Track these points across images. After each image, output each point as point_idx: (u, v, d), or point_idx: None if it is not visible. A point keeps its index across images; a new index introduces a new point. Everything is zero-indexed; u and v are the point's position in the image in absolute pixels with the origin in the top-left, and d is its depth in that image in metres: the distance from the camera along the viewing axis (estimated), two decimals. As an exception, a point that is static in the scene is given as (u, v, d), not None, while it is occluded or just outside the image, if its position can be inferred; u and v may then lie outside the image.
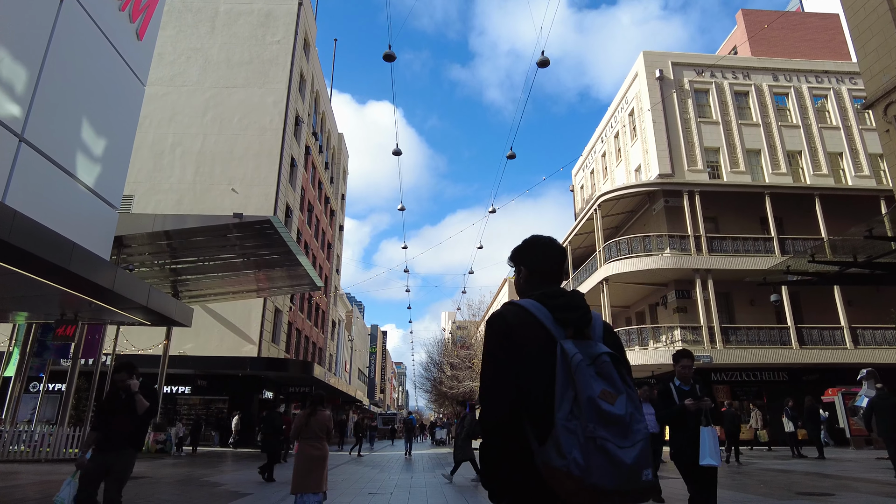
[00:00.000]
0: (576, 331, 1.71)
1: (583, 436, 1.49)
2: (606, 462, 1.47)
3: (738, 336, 22.33)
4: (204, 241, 18.09)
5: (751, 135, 27.56)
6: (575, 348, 1.61)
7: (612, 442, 1.48)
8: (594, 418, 1.50)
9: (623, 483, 1.47)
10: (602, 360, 1.59)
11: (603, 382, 1.56)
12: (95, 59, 12.17)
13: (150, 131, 32.00)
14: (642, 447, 1.52)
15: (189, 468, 14.15)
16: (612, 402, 1.53)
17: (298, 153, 34.82)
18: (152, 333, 25.61)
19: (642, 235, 23.78)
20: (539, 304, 1.76)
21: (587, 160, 37.55)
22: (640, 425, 1.55)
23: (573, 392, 1.56)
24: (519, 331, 1.71)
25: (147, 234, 16.74)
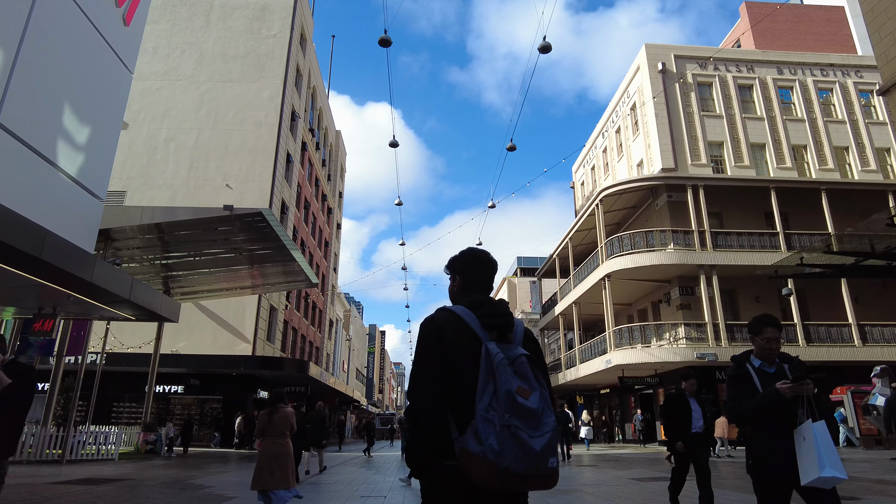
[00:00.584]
0: (499, 334, 1.91)
1: (499, 424, 1.69)
2: (518, 448, 1.66)
3: (743, 333, 21.77)
4: (194, 235, 17.55)
5: (755, 129, 27.05)
6: (497, 349, 1.81)
7: (525, 431, 1.68)
8: (510, 409, 1.69)
9: (531, 468, 1.66)
10: (520, 361, 1.80)
11: (519, 380, 1.76)
12: (78, 43, 11.60)
13: (143, 126, 31.46)
14: (550, 437, 1.71)
15: (177, 470, 13.59)
16: (527, 397, 1.74)
17: (294, 149, 34.27)
18: (144, 331, 25.07)
19: (645, 231, 23.25)
20: (468, 310, 1.96)
21: (588, 156, 37.03)
22: (549, 419, 1.75)
23: (493, 387, 1.75)
24: (449, 333, 1.91)
25: (135, 227, 16.20)
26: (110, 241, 16.69)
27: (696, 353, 20.91)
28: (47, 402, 15.20)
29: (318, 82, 42.95)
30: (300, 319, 37.10)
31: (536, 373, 1.83)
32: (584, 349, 27.01)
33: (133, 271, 20.02)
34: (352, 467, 15.69)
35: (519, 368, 1.79)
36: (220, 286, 23.26)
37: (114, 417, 26.73)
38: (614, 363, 22.48)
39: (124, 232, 16.66)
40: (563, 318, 31.24)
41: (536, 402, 1.74)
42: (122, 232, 16.61)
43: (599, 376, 26.21)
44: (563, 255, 32.08)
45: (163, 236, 17.43)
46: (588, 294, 26.79)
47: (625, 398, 29.29)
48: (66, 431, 14.74)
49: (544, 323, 36.24)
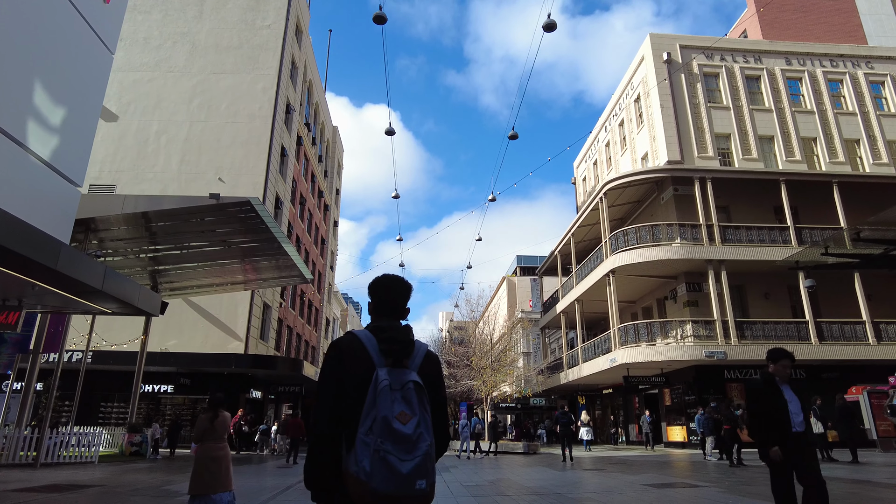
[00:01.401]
0: (394, 361, 2.00)
1: (373, 448, 1.81)
2: (387, 471, 1.78)
3: (753, 331, 21.01)
4: (181, 227, 16.70)
5: (763, 120, 26.27)
6: (386, 376, 1.92)
7: (395, 455, 1.80)
8: (384, 434, 1.81)
9: (398, 489, 1.78)
10: (407, 387, 1.92)
11: (404, 405, 1.88)
12: (52, 19, 10.74)
13: (133, 118, 30.63)
14: (420, 461, 1.83)
15: (158, 474, 12.74)
16: (405, 423, 1.85)
17: (289, 143, 33.43)
18: (131, 328, 24.24)
19: (651, 224, 22.44)
20: (371, 334, 2.09)
21: (590, 151, 36.24)
22: (424, 443, 1.86)
23: (376, 412, 1.86)
24: (349, 357, 2.04)
25: (118, 216, 15.36)
26: (91, 231, 15.83)
27: (705, 352, 20.10)
28: (21, 401, 14.34)
29: (315, 76, 42.11)
30: (295, 318, 36.24)
31: (422, 399, 1.93)
32: (587, 348, 26.20)
33: (118, 265, 19.18)
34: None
35: (406, 394, 1.90)
36: (210, 281, 22.41)
37: (101, 418, 25.88)
38: (619, 362, 21.67)
39: (107, 222, 15.81)
40: (565, 317, 30.43)
41: (412, 429, 1.85)
42: (104, 222, 15.75)
43: (603, 376, 25.40)
44: (565, 251, 31.26)
45: (148, 227, 16.58)
46: (591, 291, 25.99)
47: (629, 398, 28.48)
48: (41, 433, 13.88)
49: (545, 321, 35.42)
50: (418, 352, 2.13)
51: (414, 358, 2.09)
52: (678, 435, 23.00)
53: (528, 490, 9.49)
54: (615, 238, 23.14)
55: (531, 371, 32.71)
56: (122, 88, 31.15)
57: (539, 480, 11.15)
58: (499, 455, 21.59)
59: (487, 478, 12.05)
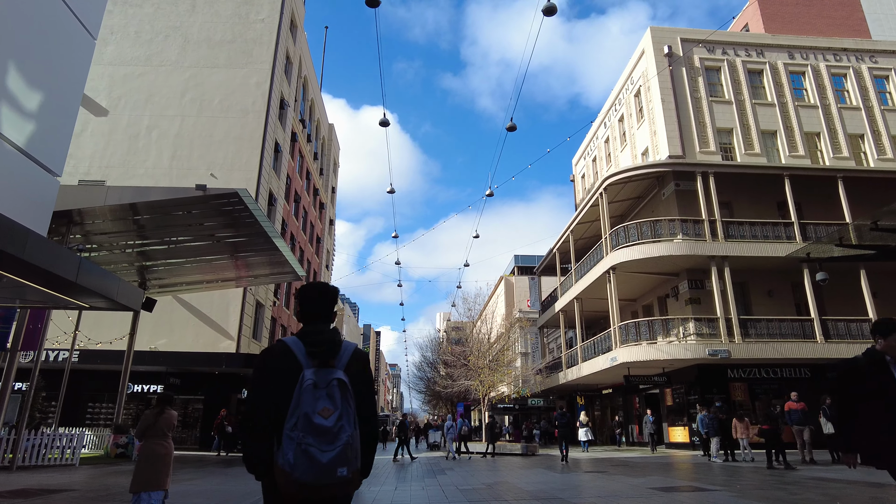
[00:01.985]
0: (321, 362, 2.21)
1: (296, 442, 2.03)
2: (307, 462, 2.00)
3: (757, 329, 20.48)
4: (168, 220, 16.11)
5: (766, 115, 25.78)
6: (312, 376, 2.14)
7: (316, 447, 2.02)
8: (305, 429, 2.04)
9: (319, 478, 2.01)
10: (332, 385, 2.14)
11: (327, 401, 2.10)
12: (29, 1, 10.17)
13: (124, 113, 30.04)
14: (340, 451, 2.05)
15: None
16: (327, 417, 2.07)
17: (284, 139, 32.86)
18: (121, 327, 23.59)
19: (653, 220, 21.92)
20: (298, 340, 2.31)
21: (589, 147, 35.73)
22: (345, 434, 2.08)
23: (299, 410, 2.07)
24: (277, 361, 2.24)
25: (102, 209, 14.77)
26: (73, 224, 15.23)
27: (708, 350, 19.58)
28: (-2, 401, 13.71)
29: (310, 72, 41.54)
30: (289, 317, 35.64)
31: (345, 395, 2.16)
32: (587, 347, 25.66)
33: (104, 260, 18.58)
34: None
35: (330, 391, 2.13)
36: (199, 278, 21.81)
37: (89, 419, 25.28)
38: (620, 361, 21.13)
39: (90, 215, 15.22)
40: (564, 315, 29.89)
41: (333, 422, 2.08)
42: (87, 215, 15.16)
43: (603, 375, 24.86)
44: (564, 249, 30.74)
45: (134, 221, 15.99)
46: (591, 289, 25.45)
47: (629, 398, 27.94)
48: (18, 434, 13.27)
49: (543, 321, 34.88)
50: (345, 351, 2.32)
51: (341, 357, 2.29)
52: (680, 436, 22.47)
53: (527, 494, 8.94)
54: (615, 234, 22.61)
55: (529, 371, 32.19)
56: (113, 83, 30.56)
57: (539, 483, 10.59)
58: (496, 456, 21.04)
59: (485, 481, 11.50)
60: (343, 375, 2.19)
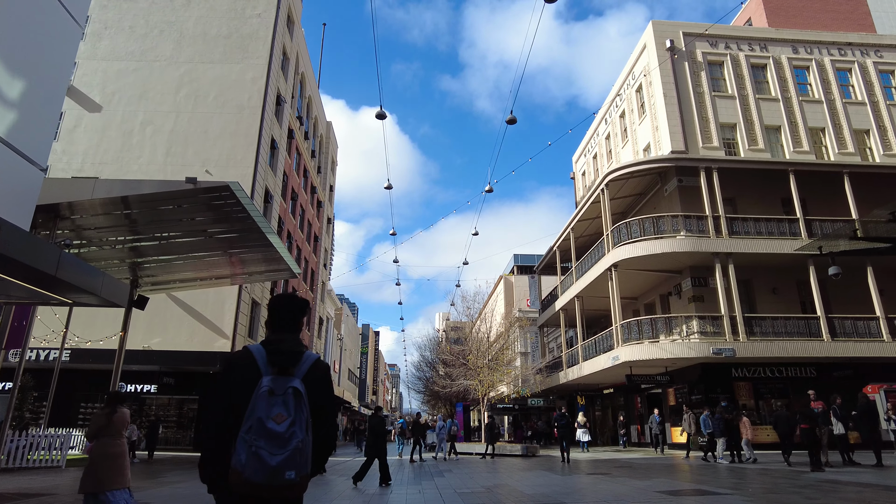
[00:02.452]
0: (280, 369, 2.30)
1: (248, 444, 2.13)
2: (258, 464, 2.11)
3: (762, 327, 20.06)
4: (159, 215, 15.63)
5: (769, 110, 25.37)
6: (269, 383, 2.23)
7: (267, 451, 2.12)
8: (258, 433, 2.14)
9: (267, 479, 2.11)
10: (287, 392, 2.22)
11: (282, 408, 2.18)
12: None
13: (118, 109, 29.57)
14: (290, 455, 2.14)
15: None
16: (280, 423, 2.15)
17: (280, 135, 32.41)
18: (114, 326, 23.13)
19: (655, 216, 21.49)
20: (261, 347, 2.39)
21: (589, 144, 35.30)
22: (295, 440, 2.16)
23: (254, 414, 2.18)
24: (239, 368, 2.34)
25: (90, 203, 14.30)
26: (61, 219, 14.77)
27: (713, 349, 19.16)
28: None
29: (308, 69, 41.10)
30: (287, 316, 35.19)
31: (300, 402, 2.24)
32: (588, 346, 25.23)
33: (94, 256, 18.10)
34: (330, 477, 13.86)
35: (285, 398, 2.21)
36: (193, 276, 21.30)
37: (82, 419, 24.80)
38: (622, 360, 20.70)
39: (78, 209, 14.74)
40: (564, 314, 29.46)
41: (285, 428, 2.16)
42: (75, 209, 14.68)
43: (604, 375, 24.44)
44: (565, 247, 30.32)
45: (123, 215, 15.53)
46: (592, 287, 25.03)
47: (630, 398, 27.52)
48: (1, 435, 12.82)
49: (543, 320, 34.46)
50: (306, 360, 2.40)
51: (300, 367, 2.36)
52: (683, 436, 22.02)
53: (528, 498, 8.51)
54: (617, 231, 22.19)
55: (529, 370, 31.73)
56: (106, 78, 30.11)
57: (540, 486, 10.16)
58: (496, 457, 20.61)
59: (484, 483, 11.07)
60: (300, 384, 2.29)
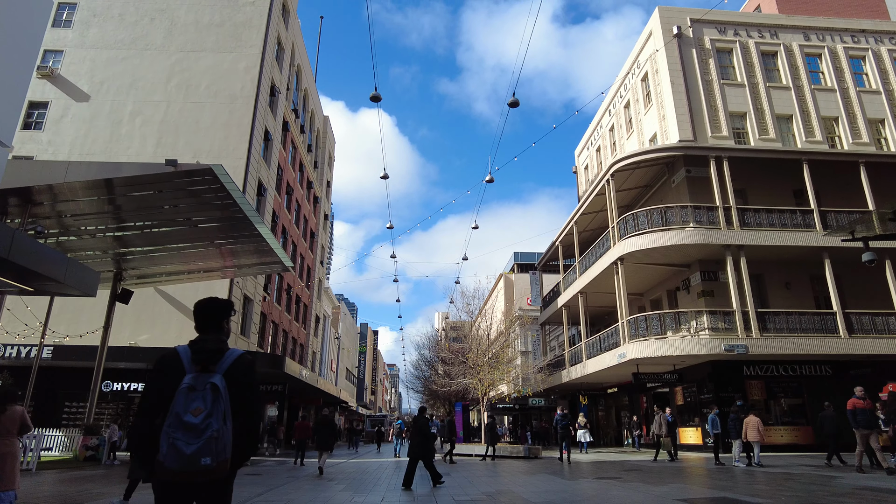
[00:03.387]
0: (202, 367, 2.57)
1: (167, 435, 2.39)
2: (175, 453, 2.37)
3: (776, 323, 19.14)
4: (139, 201, 14.73)
5: (781, 99, 24.45)
6: (190, 380, 2.49)
7: (183, 441, 2.37)
8: (175, 425, 2.40)
9: (183, 466, 2.36)
10: (206, 388, 2.47)
11: (200, 402, 2.44)
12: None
13: (107, 98, 28.66)
14: (204, 444, 2.38)
15: (92, 484, 10.79)
16: (197, 416, 2.41)
17: (274, 127, 31.47)
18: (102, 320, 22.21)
19: (664, 206, 20.55)
20: (187, 348, 2.66)
21: (592, 137, 34.37)
22: (210, 430, 2.41)
23: (174, 409, 2.44)
24: (167, 366, 2.59)
25: (60, 187, 13.39)
26: (34, 204, 13.86)
27: (725, 345, 18.23)
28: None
29: (304, 62, 40.17)
30: (281, 313, 34.26)
31: (217, 396, 2.47)
32: (592, 343, 24.30)
33: (74, 246, 17.19)
34: (321, 483, 12.92)
35: (204, 393, 2.46)
36: (180, 268, 20.45)
37: (66, 419, 23.84)
38: (628, 357, 19.76)
39: (51, 194, 13.83)
40: (567, 311, 28.52)
41: (201, 420, 2.41)
42: (48, 193, 13.78)
43: (609, 373, 23.52)
44: (567, 241, 29.39)
45: (102, 202, 14.66)
46: (596, 282, 24.10)
47: (635, 398, 26.58)
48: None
49: (545, 317, 33.53)
50: (228, 357, 2.66)
51: (222, 363, 2.62)
52: (692, 437, 21.12)
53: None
54: (624, 222, 21.26)
55: (530, 369, 30.77)
56: (95, 67, 29.18)
57: (546, 493, 9.23)
58: (497, 459, 19.67)
59: (484, 489, 10.13)
60: (219, 380, 2.52)
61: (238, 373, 2.61)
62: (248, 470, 15.60)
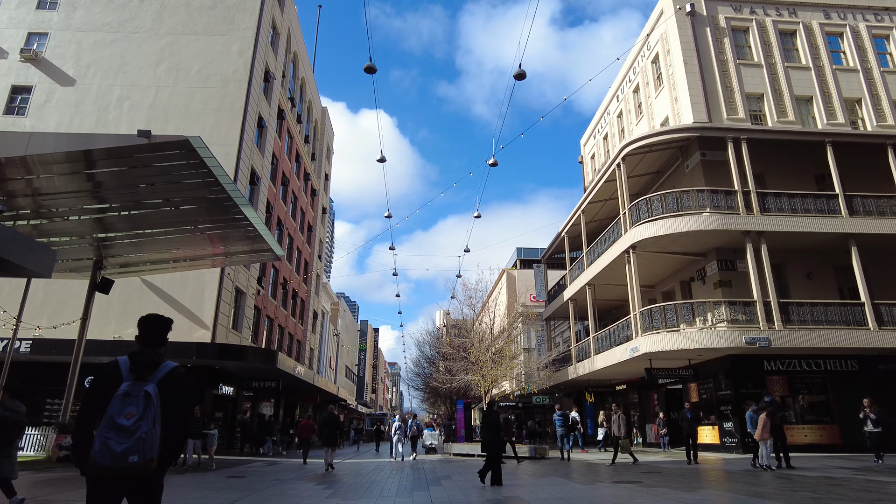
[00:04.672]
0: (139, 376, 2.90)
1: (100, 435, 2.72)
2: (106, 450, 2.68)
3: (800, 314, 17.89)
4: (112, 179, 13.52)
5: (800, 79, 23.18)
6: (126, 388, 2.83)
7: (114, 441, 2.69)
8: (108, 427, 2.73)
9: (112, 463, 2.68)
10: (140, 395, 2.81)
11: (133, 407, 2.76)
12: None
13: (93, 83, 27.48)
14: (133, 443, 2.70)
15: (52, 489, 9.59)
16: (129, 419, 2.73)
17: (269, 114, 30.26)
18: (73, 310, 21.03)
19: (679, 191, 19.29)
20: (127, 359, 2.98)
21: (599, 125, 33.10)
22: (140, 431, 2.73)
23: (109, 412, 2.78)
24: (107, 375, 2.92)
25: (28, 161, 12.19)
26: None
27: (745, 338, 16.99)
28: None
29: (301, 49, 38.93)
30: (277, 308, 33.06)
31: (148, 402, 2.81)
32: (601, 338, 23.06)
33: (48, 230, 15.98)
34: (310, 485, 11.72)
35: (137, 399, 2.78)
36: (165, 256, 19.21)
37: (47, 417, 22.66)
38: (641, 351, 18.54)
39: (21, 169, 12.63)
40: (574, 305, 27.27)
41: (133, 422, 2.73)
42: (15, 169, 12.58)
43: (619, 369, 22.30)
44: (574, 232, 28.15)
45: (74, 179, 13.44)
46: (605, 273, 22.87)
47: (646, 395, 25.35)
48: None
49: (550, 312, 32.30)
50: (162, 369, 2.98)
51: (156, 373, 2.95)
52: (708, 436, 19.88)
53: (552, 520, 6.35)
54: (636, 208, 20.01)
55: (533, 366, 29.51)
56: (81, 50, 27.99)
57: (562, 502, 8.01)
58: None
59: (488, 496, 8.91)
60: (152, 388, 2.86)
61: (170, 382, 2.96)
62: (234, 471, 14.41)
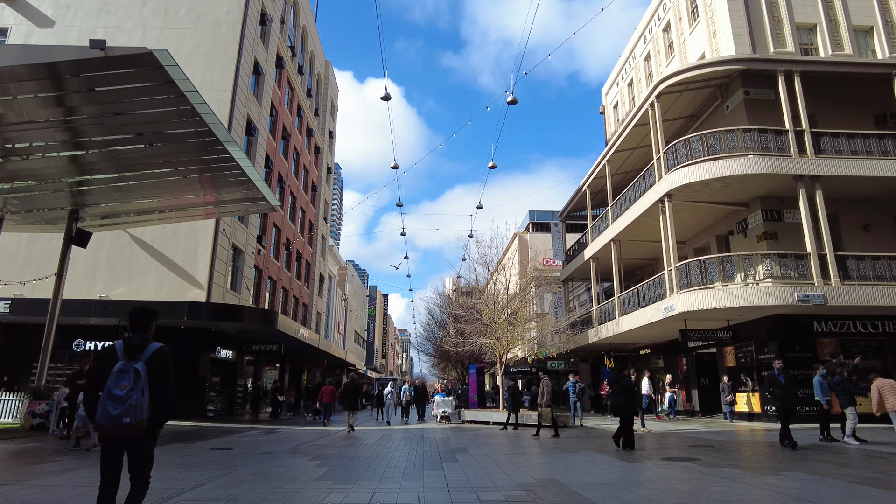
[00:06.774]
0: (130, 355, 3.72)
1: (101, 402, 3.59)
2: (105, 414, 3.54)
3: (860, 269, 15.83)
4: (69, 103, 11.59)
5: (858, 7, 20.56)
6: (121, 365, 3.66)
7: (111, 406, 3.54)
8: (107, 397, 3.58)
9: (110, 423, 3.54)
10: (131, 370, 3.64)
11: (126, 380, 3.60)
12: None
13: (73, 24, 25.33)
14: (126, 408, 3.55)
15: (17, 462, 7.97)
16: (122, 390, 3.57)
17: (266, 60, 28.00)
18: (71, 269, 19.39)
19: (724, 129, 17.03)
20: (121, 342, 3.79)
21: (623, 71, 30.52)
22: (131, 399, 3.58)
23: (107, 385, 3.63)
24: (106, 358, 3.76)
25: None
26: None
27: (798, 295, 15.00)
28: None
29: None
30: (280, 269, 31.38)
31: (138, 377, 3.64)
32: (628, 297, 21.17)
33: (19, 170, 14.13)
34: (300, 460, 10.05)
35: (129, 374, 3.62)
36: (149, 206, 17.38)
37: (34, 381, 21.27)
38: (677, 311, 16.60)
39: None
40: (596, 264, 25.30)
41: (125, 392, 3.57)
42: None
43: (645, 332, 20.51)
44: (597, 186, 26.00)
45: (30, 103, 11.56)
46: (632, 228, 20.84)
47: (673, 359, 23.56)
48: None
49: (567, 273, 30.42)
50: (149, 350, 3.79)
51: (144, 353, 3.76)
52: (745, 404, 18.11)
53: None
54: (673, 151, 17.82)
55: (549, 330, 27.75)
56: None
57: (611, 487, 6.21)
58: (519, 429, 16.82)
59: (517, 478, 7.14)
60: (141, 365, 3.68)
61: (155, 361, 3.78)
62: (223, 441, 12.84)
